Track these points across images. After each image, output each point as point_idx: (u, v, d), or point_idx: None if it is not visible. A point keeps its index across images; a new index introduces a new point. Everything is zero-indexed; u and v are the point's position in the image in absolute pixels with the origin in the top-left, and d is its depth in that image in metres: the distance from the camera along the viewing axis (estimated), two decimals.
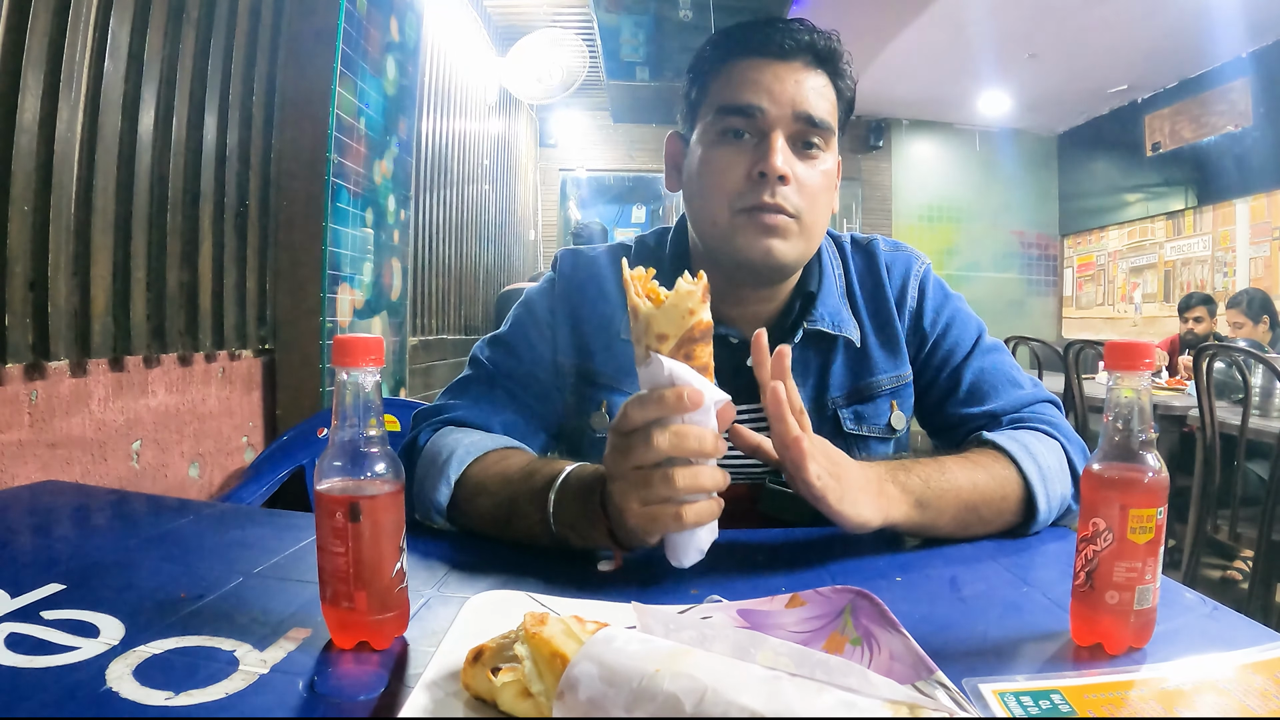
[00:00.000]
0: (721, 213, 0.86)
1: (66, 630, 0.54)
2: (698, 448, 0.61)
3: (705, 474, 0.62)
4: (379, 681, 0.50)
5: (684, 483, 0.61)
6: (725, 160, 0.85)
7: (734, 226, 0.85)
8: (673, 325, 0.61)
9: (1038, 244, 7.08)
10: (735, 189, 0.84)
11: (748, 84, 0.85)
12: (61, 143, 1.29)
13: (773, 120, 0.84)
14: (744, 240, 0.85)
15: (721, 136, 0.86)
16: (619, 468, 0.63)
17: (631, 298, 0.62)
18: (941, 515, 0.76)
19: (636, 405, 0.62)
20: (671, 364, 0.61)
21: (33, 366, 1.29)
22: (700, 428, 0.62)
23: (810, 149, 0.86)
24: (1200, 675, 0.51)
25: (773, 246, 0.84)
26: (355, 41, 2.23)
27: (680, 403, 0.60)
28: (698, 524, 0.63)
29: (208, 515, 0.89)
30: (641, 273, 0.64)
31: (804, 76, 0.85)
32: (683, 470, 0.61)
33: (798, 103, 0.84)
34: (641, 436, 0.62)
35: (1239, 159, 4.86)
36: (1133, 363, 0.53)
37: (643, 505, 0.62)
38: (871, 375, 0.93)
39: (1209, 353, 2.44)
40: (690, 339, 0.61)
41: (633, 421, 0.62)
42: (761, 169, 0.83)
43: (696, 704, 0.38)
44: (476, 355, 0.96)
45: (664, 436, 0.61)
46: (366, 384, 0.54)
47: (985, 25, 4.57)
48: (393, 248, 2.70)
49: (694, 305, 0.61)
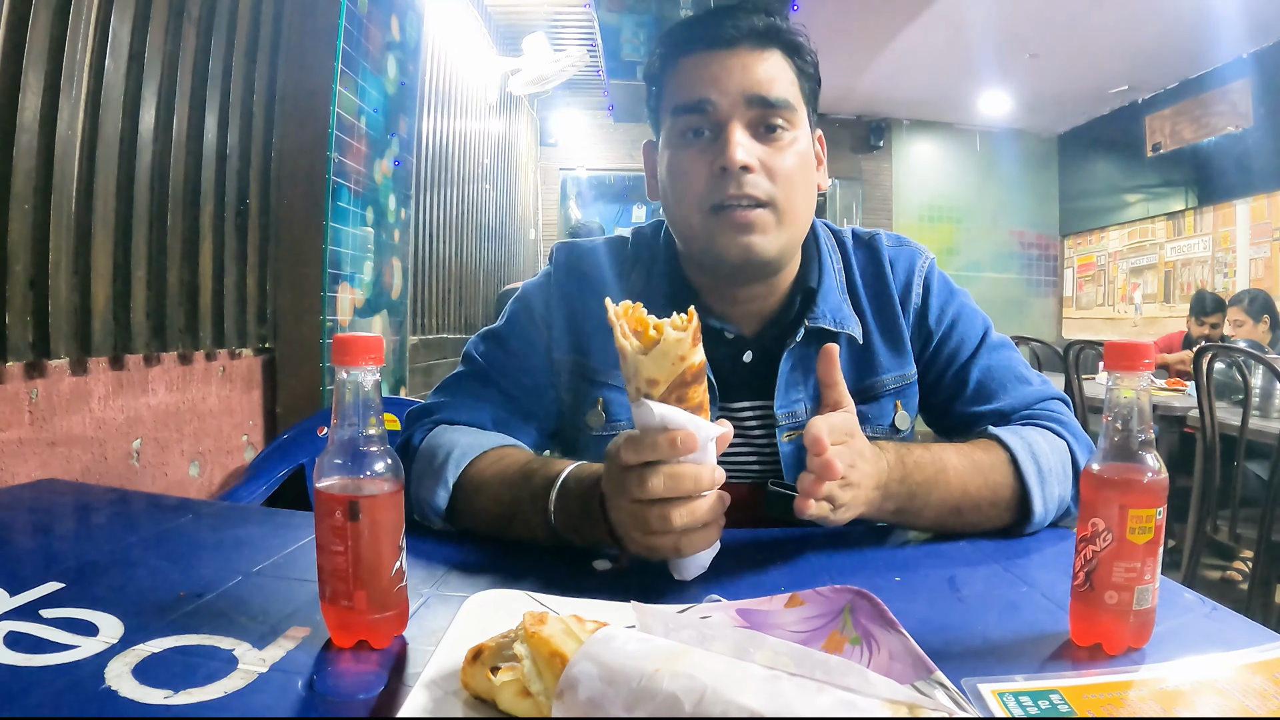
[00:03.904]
0: (694, 215, 0.84)
1: (66, 629, 0.54)
2: (693, 488, 0.61)
3: (702, 508, 0.61)
4: (378, 680, 0.50)
5: (681, 521, 0.60)
6: (688, 161, 0.84)
7: (708, 228, 0.83)
8: (663, 372, 0.59)
9: (1038, 244, 7.07)
10: (701, 189, 0.83)
11: (695, 79, 0.84)
12: (62, 141, 1.29)
13: (726, 111, 0.82)
14: (722, 241, 0.83)
15: (682, 138, 0.85)
16: (617, 498, 0.63)
17: (618, 339, 0.60)
18: (919, 518, 0.77)
19: (630, 448, 0.61)
20: (663, 410, 0.59)
21: (33, 365, 1.29)
22: (696, 466, 0.61)
23: (774, 131, 0.83)
24: (1199, 675, 0.51)
25: (751, 243, 0.83)
26: (356, 40, 2.23)
27: (673, 449, 0.59)
28: (696, 552, 0.63)
29: (207, 514, 0.89)
30: (629, 307, 0.61)
31: (752, 60, 0.83)
32: (680, 510, 0.60)
33: (748, 87, 0.82)
34: (636, 476, 0.61)
35: (1239, 160, 4.86)
36: (1132, 363, 0.53)
37: (643, 537, 0.62)
38: (875, 374, 0.91)
39: (1209, 353, 2.44)
40: (682, 383, 0.60)
41: (626, 462, 0.61)
42: (721, 164, 0.81)
43: (696, 703, 0.38)
44: (470, 351, 0.95)
45: (658, 480, 0.60)
46: (366, 383, 0.54)
47: (986, 25, 4.57)
48: (393, 247, 2.70)
49: (684, 351, 0.59)
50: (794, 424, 0.89)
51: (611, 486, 0.64)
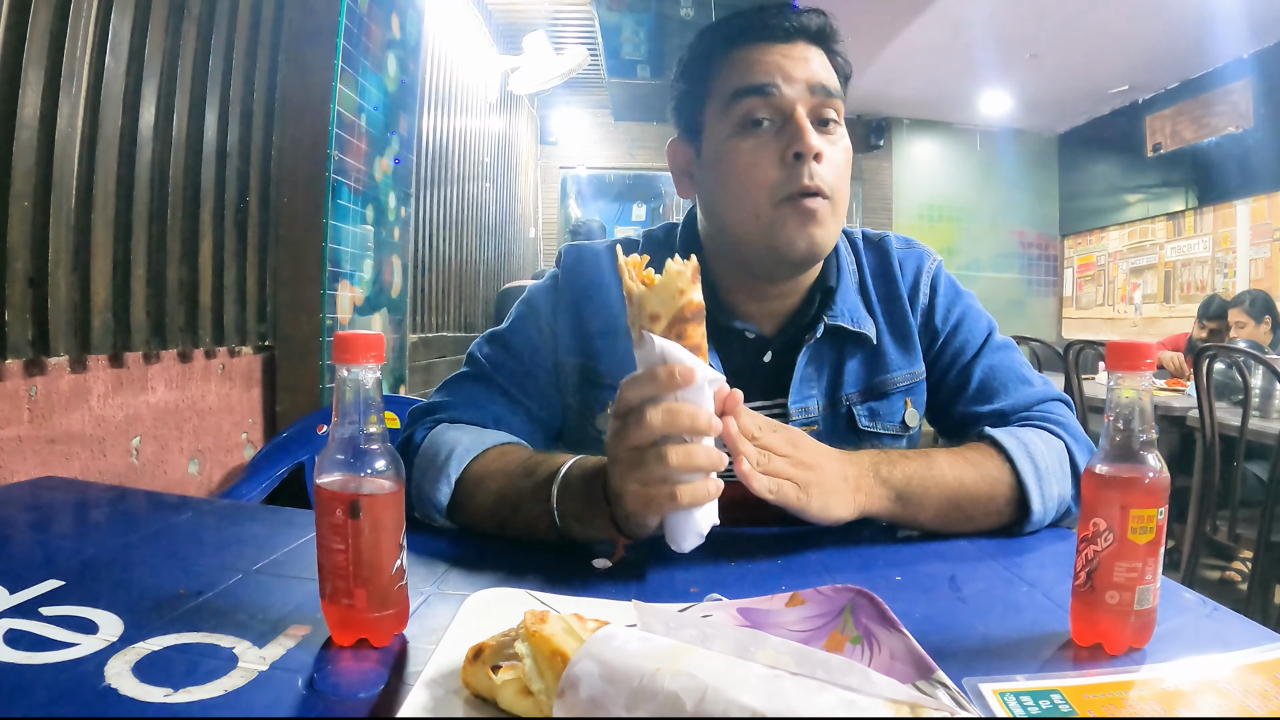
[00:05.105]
0: (763, 206, 0.83)
1: (65, 626, 0.54)
2: (690, 424, 0.61)
3: (700, 452, 0.62)
4: (378, 679, 0.50)
5: (677, 460, 0.61)
6: (752, 150, 0.83)
7: (778, 219, 0.83)
8: (664, 305, 0.62)
9: (1038, 244, 7.07)
10: (771, 178, 0.82)
11: (757, 66, 0.84)
12: (62, 139, 1.29)
13: (791, 98, 0.83)
14: (789, 232, 0.82)
15: (741, 128, 0.84)
16: (617, 450, 0.64)
17: (626, 282, 0.63)
18: (923, 510, 0.77)
19: (631, 384, 0.63)
20: (663, 343, 0.62)
21: (32, 362, 1.28)
22: (693, 405, 0.62)
23: (828, 125, 0.85)
24: (1200, 676, 0.51)
25: (815, 234, 0.83)
26: (356, 38, 2.23)
27: (672, 379, 0.61)
28: (694, 504, 0.63)
29: (207, 512, 0.89)
30: (636, 259, 0.64)
31: (809, 53, 0.85)
32: (677, 449, 0.61)
33: (811, 76, 0.83)
34: (636, 416, 0.62)
35: (1240, 160, 4.86)
36: (1134, 363, 0.53)
37: (639, 486, 0.63)
38: (886, 372, 0.93)
39: (1209, 354, 2.44)
40: (681, 319, 0.62)
41: (628, 401, 0.63)
42: (796, 149, 0.81)
43: (697, 703, 0.38)
44: (474, 353, 0.95)
45: (657, 414, 0.61)
46: (367, 381, 0.54)
47: (986, 25, 4.57)
48: (393, 245, 2.70)
49: (684, 285, 0.62)
50: (807, 420, 0.90)
51: (612, 440, 0.65)
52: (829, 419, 0.92)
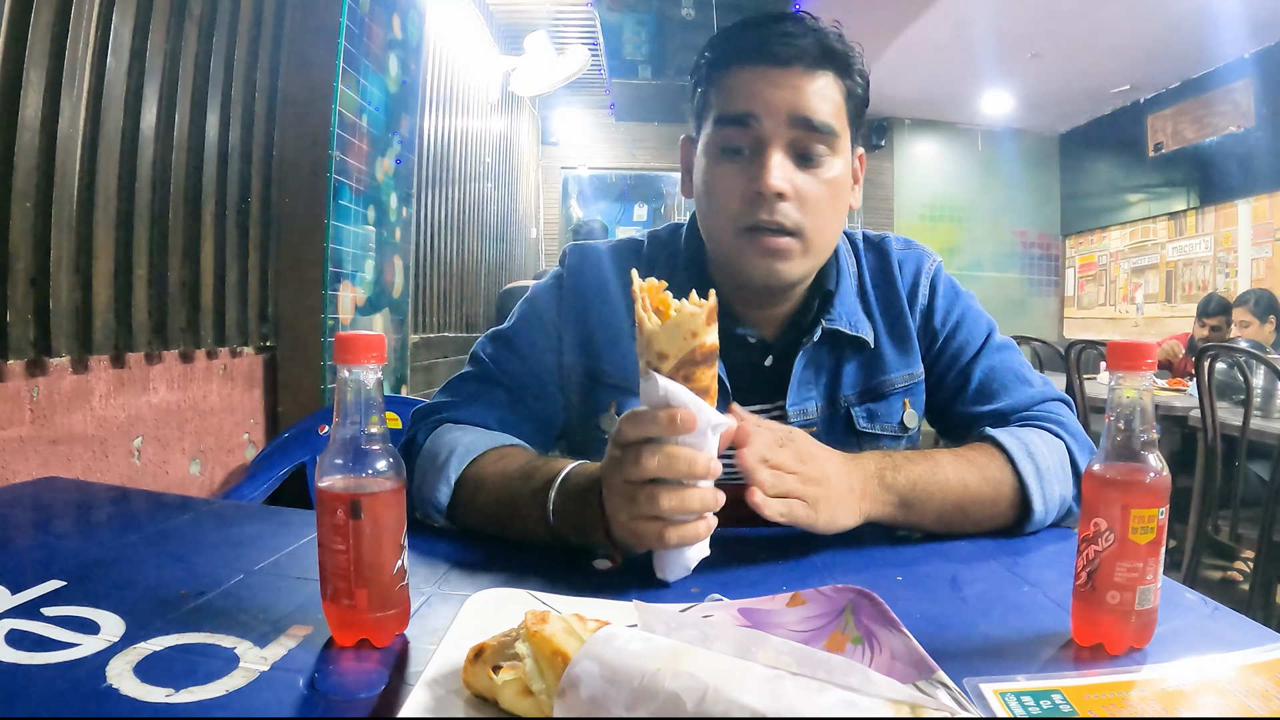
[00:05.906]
0: (724, 233, 0.85)
1: (67, 627, 0.54)
2: (687, 470, 0.61)
3: (693, 496, 0.62)
4: (379, 679, 0.50)
5: (669, 504, 0.61)
6: (724, 179, 0.84)
7: (737, 247, 0.84)
8: (673, 346, 0.60)
9: (1039, 244, 7.07)
10: (735, 209, 0.83)
11: (742, 93, 0.83)
12: (63, 139, 1.29)
13: (769, 131, 0.81)
14: (747, 261, 0.84)
15: (721, 153, 0.85)
16: (612, 478, 0.64)
17: (638, 312, 0.61)
18: (926, 514, 0.77)
19: (631, 422, 0.62)
20: (668, 384, 0.60)
21: (34, 363, 1.29)
22: (691, 450, 0.61)
23: (810, 160, 0.83)
24: (1201, 676, 0.51)
25: (775, 268, 0.84)
26: (358, 39, 2.23)
27: (672, 425, 0.60)
28: (682, 544, 0.63)
29: (208, 512, 0.89)
30: (654, 284, 0.62)
31: (803, 81, 0.82)
32: (669, 493, 0.61)
33: (795, 108, 0.81)
34: (633, 453, 0.61)
35: (1241, 160, 4.85)
36: (1135, 363, 0.53)
37: (629, 519, 0.62)
38: (884, 374, 0.93)
39: (1210, 353, 2.44)
40: (691, 361, 0.60)
41: (626, 437, 0.62)
42: (757, 188, 0.81)
43: (698, 703, 0.38)
44: (477, 352, 0.95)
45: (653, 457, 0.61)
46: (368, 381, 0.54)
47: (988, 25, 4.57)
48: (394, 245, 2.70)
49: (697, 328, 0.60)
50: (805, 422, 0.90)
51: (608, 465, 0.64)
52: (827, 421, 0.92)
